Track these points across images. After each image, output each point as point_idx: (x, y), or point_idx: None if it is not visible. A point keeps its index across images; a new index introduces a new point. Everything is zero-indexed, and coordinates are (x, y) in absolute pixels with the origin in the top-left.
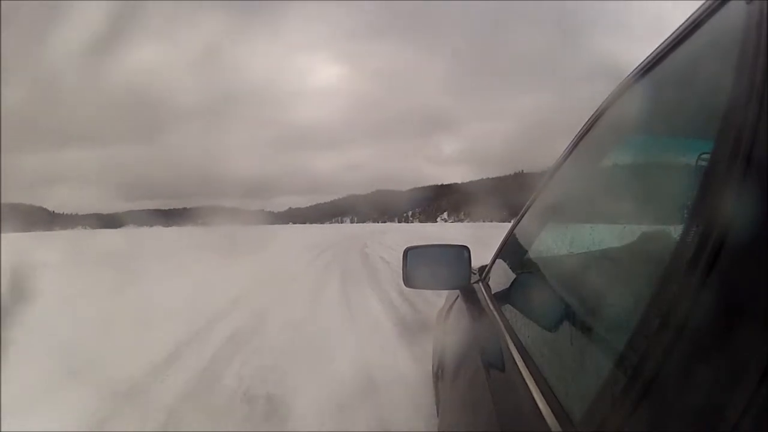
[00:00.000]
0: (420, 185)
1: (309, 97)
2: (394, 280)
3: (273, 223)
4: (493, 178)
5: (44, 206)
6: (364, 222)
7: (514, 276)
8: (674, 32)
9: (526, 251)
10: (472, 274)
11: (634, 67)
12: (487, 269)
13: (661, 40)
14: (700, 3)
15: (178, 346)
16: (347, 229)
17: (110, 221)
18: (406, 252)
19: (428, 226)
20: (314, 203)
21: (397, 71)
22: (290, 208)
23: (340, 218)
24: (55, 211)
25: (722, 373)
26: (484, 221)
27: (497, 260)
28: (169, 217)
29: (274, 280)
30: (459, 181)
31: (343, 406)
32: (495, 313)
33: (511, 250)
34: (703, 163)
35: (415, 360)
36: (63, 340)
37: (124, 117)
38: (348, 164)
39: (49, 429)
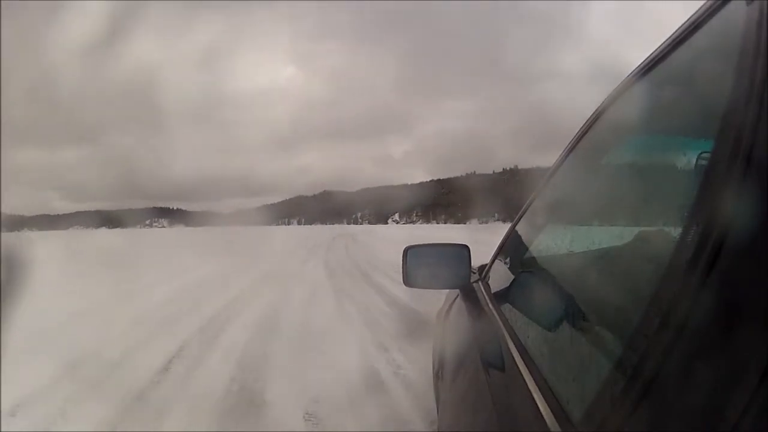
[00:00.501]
0: (369, 186)
1: (258, 97)
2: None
3: (220, 224)
4: (444, 180)
5: None
6: (311, 224)
7: (513, 275)
8: (674, 32)
9: (526, 250)
10: (472, 274)
11: (635, 66)
12: (486, 269)
13: (662, 40)
14: (701, 3)
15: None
16: (290, 232)
17: (56, 223)
18: (405, 251)
19: (378, 228)
20: (262, 204)
21: (349, 72)
22: (238, 209)
23: (287, 220)
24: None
25: (722, 373)
26: (437, 222)
27: (497, 260)
28: (115, 219)
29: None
30: (409, 183)
31: None
32: (495, 312)
33: (510, 250)
34: (703, 163)
35: None
36: None
37: (67, 117)
38: (297, 166)
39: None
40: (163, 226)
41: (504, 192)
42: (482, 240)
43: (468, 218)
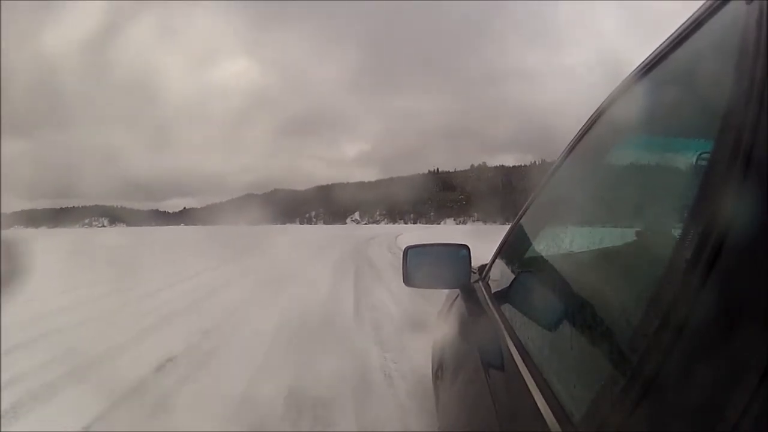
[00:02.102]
0: (323, 184)
1: (202, 94)
2: None
3: (165, 224)
4: (406, 177)
5: None
6: (258, 224)
7: (513, 275)
8: (674, 32)
9: (526, 250)
10: (472, 274)
11: (635, 66)
12: (486, 268)
13: (662, 40)
14: (700, 3)
15: None
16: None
17: None
18: (406, 251)
19: (336, 229)
20: (209, 203)
21: (297, 67)
22: (185, 208)
23: (235, 219)
24: None
25: (722, 373)
26: (405, 222)
27: (497, 260)
28: (57, 217)
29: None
30: (366, 180)
31: None
32: (495, 312)
33: (510, 250)
34: (703, 163)
35: None
36: None
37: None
38: (244, 165)
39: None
40: (103, 226)
41: (479, 190)
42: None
43: (441, 218)
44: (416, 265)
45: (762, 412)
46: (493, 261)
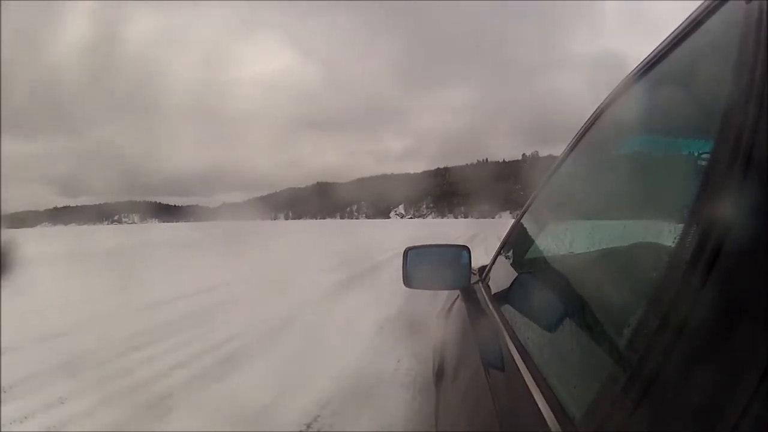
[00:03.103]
0: (365, 176)
1: (247, 87)
2: None
3: (207, 219)
4: (453, 167)
5: None
6: (300, 218)
7: (513, 276)
8: (674, 32)
9: (526, 251)
10: (472, 275)
11: (635, 66)
12: (486, 269)
13: (662, 40)
14: (700, 3)
15: None
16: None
17: (56, 216)
18: (406, 252)
19: (374, 227)
20: (250, 198)
21: (344, 61)
22: (224, 203)
23: (274, 214)
24: None
25: (722, 373)
26: (455, 216)
27: (497, 260)
28: (96, 214)
29: None
30: (411, 172)
31: None
32: (495, 313)
33: (510, 251)
34: (703, 163)
35: None
36: None
37: (50, 109)
38: (289, 161)
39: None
40: (134, 222)
41: (536, 180)
42: None
43: (496, 211)
44: (416, 266)
45: (762, 412)
46: (492, 262)
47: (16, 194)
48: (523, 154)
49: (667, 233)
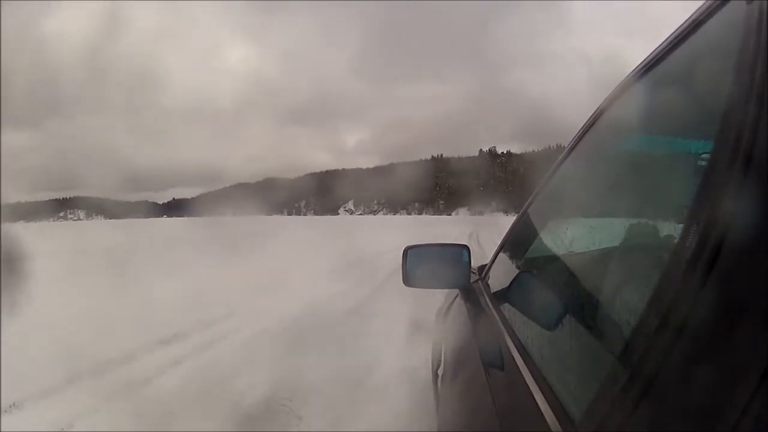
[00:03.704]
0: (315, 171)
1: (201, 81)
2: None
3: (155, 215)
4: (409, 162)
5: None
6: (245, 215)
7: (513, 275)
8: (674, 32)
9: (525, 251)
10: (472, 274)
11: (635, 66)
12: (486, 269)
13: (662, 39)
14: (700, 3)
15: None
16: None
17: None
18: (405, 251)
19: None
20: (200, 193)
21: (305, 54)
22: (174, 198)
23: (220, 210)
24: None
25: (722, 373)
26: (408, 213)
27: (496, 259)
28: (43, 209)
29: None
30: (364, 167)
31: None
32: (494, 312)
33: (510, 250)
34: (703, 163)
35: None
36: None
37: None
38: (238, 155)
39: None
40: (79, 219)
41: (494, 176)
42: None
43: (452, 207)
44: (416, 265)
45: (762, 412)
46: (492, 261)
47: None
48: (480, 150)
49: (667, 233)
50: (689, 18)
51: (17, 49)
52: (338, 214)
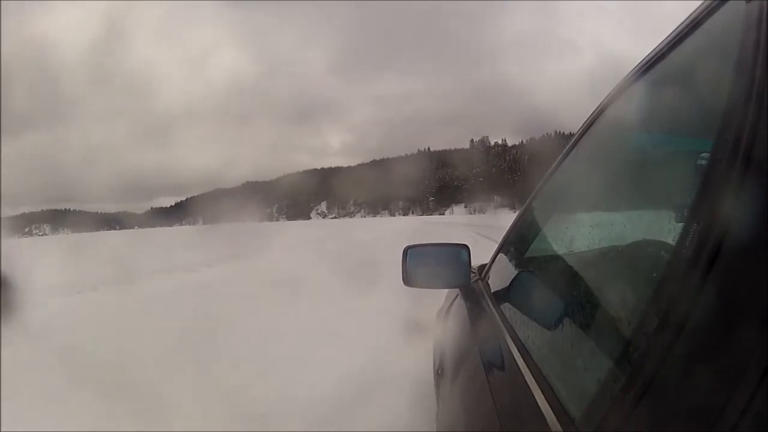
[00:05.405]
0: (290, 172)
1: (177, 85)
2: None
3: (134, 226)
4: (393, 158)
5: None
6: (210, 223)
7: (513, 275)
8: (673, 31)
9: (525, 250)
10: (472, 273)
11: (635, 65)
12: (486, 268)
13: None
14: (700, 2)
15: None
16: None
17: None
18: (405, 251)
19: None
20: (177, 201)
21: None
22: (152, 208)
23: (192, 219)
24: None
25: (722, 373)
26: (392, 213)
27: (496, 259)
28: (11, 223)
29: None
30: (344, 165)
31: None
32: (495, 312)
33: (510, 249)
34: (703, 163)
35: None
36: None
37: None
38: (221, 158)
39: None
40: (45, 234)
41: (491, 168)
42: None
43: (445, 205)
44: (416, 264)
45: (762, 412)
46: (492, 261)
47: None
48: (471, 140)
49: (667, 233)
50: (689, 17)
51: None
52: (310, 218)
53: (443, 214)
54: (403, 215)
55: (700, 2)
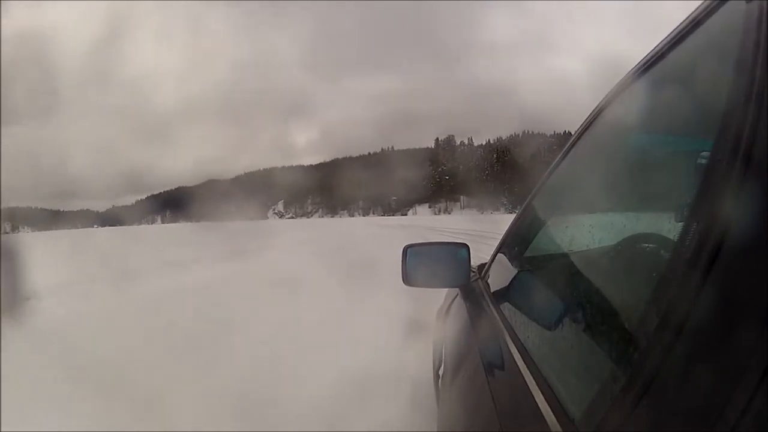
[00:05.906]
0: (253, 170)
1: (144, 82)
2: None
3: (91, 225)
4: (355, 158)
5: None
6: (176, 222)
7: (513, 274)
8: (673, 31)
9: (525, 249)
10: (472, 273)
11: (634, 64)
12: (486, 267)
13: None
14: (700, 2)
15: None
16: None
17: None
18: (405, 250)
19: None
20: (138, 199)
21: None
22: (113, 206)
23: (152, 217)
24: None
25: (722, 373)
26: (351, 214)
27: (496, 258)
28: None
29: None
30: (306, 163)
31: None
32: (494, 311)
33: (509, 249)
34: (703, 163)
35: None
36: None
37: None
38: (188, 157)
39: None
40: (7, 232)
41: (459, 167)
42: None
43: (409, 205)
44: (415, 264)
45: (762, 412)
46: (492, 260)
47: None
48: (437, 139)
49: (666, 233)
50: (689, 17)
51: None
52: (267, 217)
53: (406, 214)
54: (363, 215)
55: (700, 2)
